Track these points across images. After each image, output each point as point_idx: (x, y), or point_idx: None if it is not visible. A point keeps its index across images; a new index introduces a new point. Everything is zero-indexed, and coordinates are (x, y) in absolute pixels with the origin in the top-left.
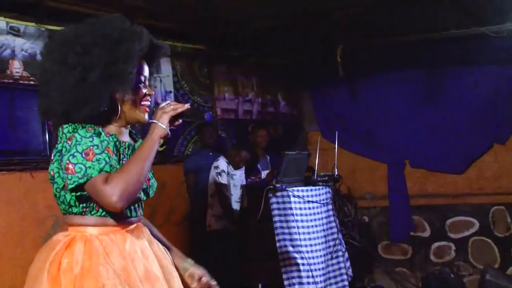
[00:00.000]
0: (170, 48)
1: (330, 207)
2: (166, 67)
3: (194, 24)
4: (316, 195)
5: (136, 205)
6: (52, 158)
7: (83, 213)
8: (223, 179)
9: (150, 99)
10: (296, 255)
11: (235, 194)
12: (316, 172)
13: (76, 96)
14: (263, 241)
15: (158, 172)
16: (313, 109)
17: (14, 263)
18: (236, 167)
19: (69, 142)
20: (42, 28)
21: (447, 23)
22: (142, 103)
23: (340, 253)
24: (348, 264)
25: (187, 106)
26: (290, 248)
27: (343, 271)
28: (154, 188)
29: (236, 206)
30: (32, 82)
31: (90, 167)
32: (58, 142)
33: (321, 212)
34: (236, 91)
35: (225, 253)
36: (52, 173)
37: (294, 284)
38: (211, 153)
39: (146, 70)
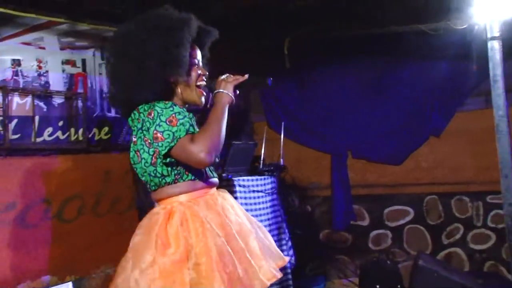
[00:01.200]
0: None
1: (275, 196)
2: None
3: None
4: (261, 185)
5: (213, 167)
6: (134, 140)
7: (175, 181)
8: None
9: (205, 79)
10: None
11: None
12: (262, 162)
13: (135, 82)
14: None
15: (103, 160)
16: (260, 100)
17: None
18: None
19: (151, 116)
20: None
21: (388, 19)
22: (198, 83)
23: (284, 242)
24: (291, 252)
25: (246, 76)
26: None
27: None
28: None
29: None
30: None
31: (177, 131)
32: (136, 123)
33: (266, 202)
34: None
35: None
36: (138, 154)
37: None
38: None
39: (198, 54)
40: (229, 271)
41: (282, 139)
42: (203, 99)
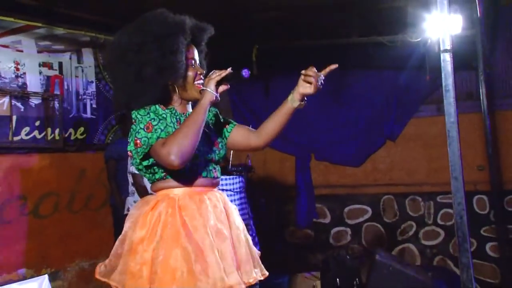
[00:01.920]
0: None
1: (243, 195)
2: (88, 58)
3: (120, 16)
4: (230, 184)
5: (211, 167)
6: (129, 140)
7: (165, 177)
8: None
9: (202, 77)
10: None
11: None
12: (230, 162)
13: (134, 89)
14: None
15: (78, 159)
16: (229, 104)
17: None
18: None
19: (134, 123)
20: None
21: (351, 30)
22: (196, 82)
23: (250, 238)
24: (257, 247)
25: (228, 70)
26: None
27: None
28: (221, 154)
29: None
30: None
31: (150, 137)
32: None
33: (235, 200)
34: None
35: None
36: (130, 153)
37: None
38: None
39: (195, 53)
40: (187, 268)
41: None
42: (198, 94)
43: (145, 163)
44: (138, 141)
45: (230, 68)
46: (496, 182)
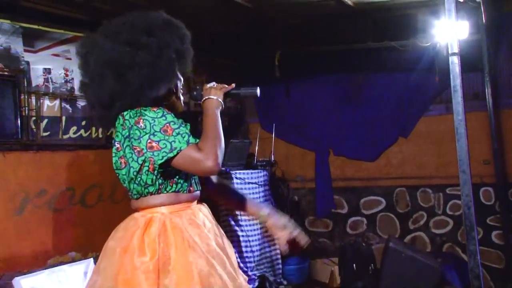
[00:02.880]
0: None
1: (266, 187)
2: None
3: None
4: (255, 177)
5: (193, 180)
6: (118, 146)
7: (159, 191)
8: None
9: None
10: (237, 228)
11: None
12: (255, 157)
13: (153, 72)
14: None
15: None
16: (254, 104)
17: None
18: None
19: (141, 125)
20: (16, 25)
21: (366, 36)
22: (179, 95)
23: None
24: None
25: (233, 85)
26: (232, 222)
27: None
28: None
29: None
30: (6, 73)
31: (174, 141)
32: (120, 130)
33: (259, 192)
34: (188, 86)
35: None
36: (122, 160)
37: (235, 252)
38: None
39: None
40: None
41: (273, 138)
42: (182, 105)
43: (162, 170)
44: (154, 144)
45: (234, 84)
46: (501, 175)
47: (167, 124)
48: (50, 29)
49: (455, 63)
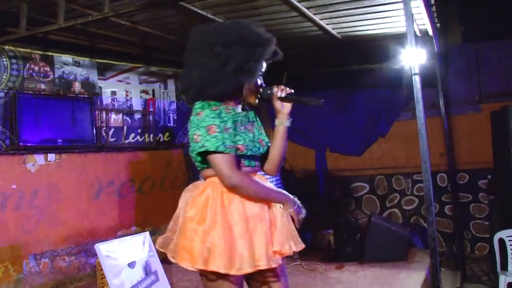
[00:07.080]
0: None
1: (278, 177)
2: (171, 85)
3: None
4: None
5: (254, 158)
6: (188, 127)
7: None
8: None
9: (261, 89)
10: None
11: None
12: None
13: (213, 77)
14: None
15: (166, 154)
16: (267, 113)
17: (77, 205)
18: None
19: (198, 117)
20: (93, 61)
21: (351, 61)
22: (253, 93)
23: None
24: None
25: (291, 91)
26: None
27: None
28: (263, 151)
29: None
30: (86, 95)
31: (208, 140)
32: (192, 116)
33: (273, 181)
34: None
35: None
36: (189, 141)
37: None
38: None
39: (264, 67)
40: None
41: None
42: (257, 101)
43: (199, 158)
44: (196, 137)
45: (292, 90)
46: (451, 164)
47: (212, 125)
48: (115, 62)
49: (417, 81)
